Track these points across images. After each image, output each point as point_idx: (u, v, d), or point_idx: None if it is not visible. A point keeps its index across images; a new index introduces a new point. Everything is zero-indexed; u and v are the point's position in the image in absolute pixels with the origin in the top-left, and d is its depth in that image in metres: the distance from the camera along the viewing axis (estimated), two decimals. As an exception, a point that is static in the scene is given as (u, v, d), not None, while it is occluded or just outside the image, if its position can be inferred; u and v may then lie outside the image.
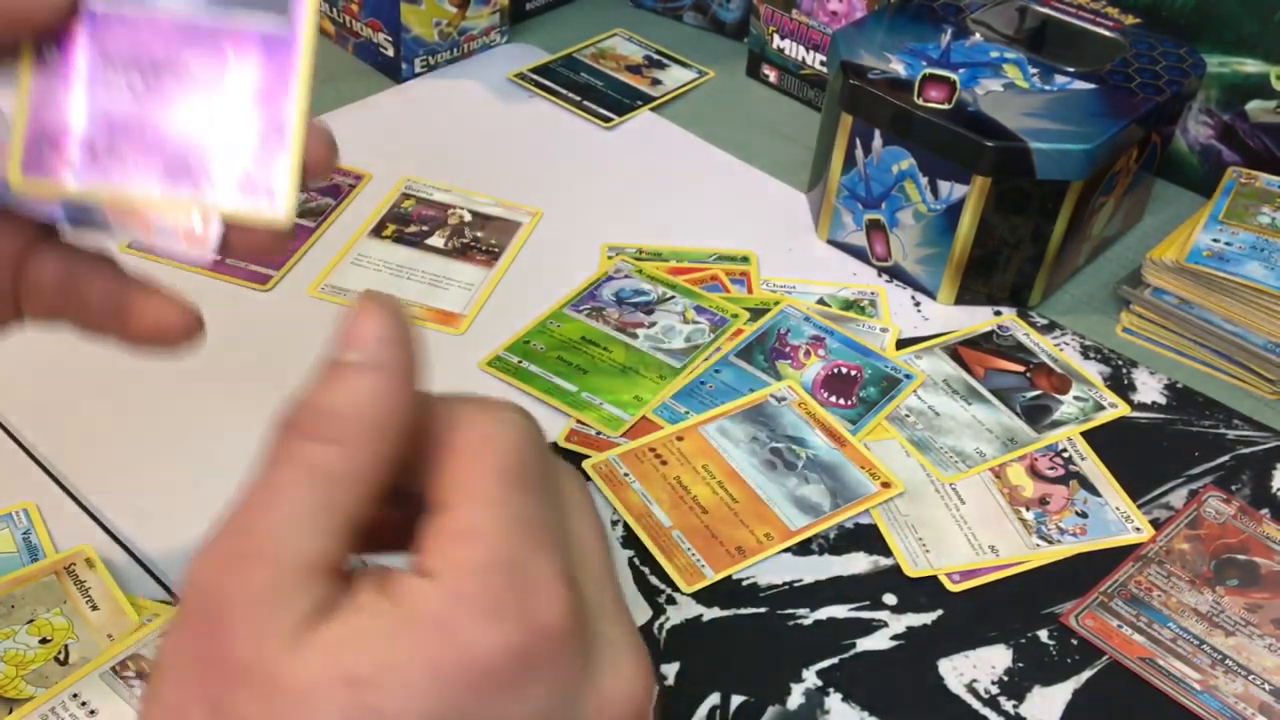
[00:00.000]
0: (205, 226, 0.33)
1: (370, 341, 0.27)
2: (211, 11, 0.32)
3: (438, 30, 0.88)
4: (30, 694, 0.48)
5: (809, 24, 0.86)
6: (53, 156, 0.32)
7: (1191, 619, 0.54)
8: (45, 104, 0.32)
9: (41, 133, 0.32)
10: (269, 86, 0.32)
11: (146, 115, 0.32)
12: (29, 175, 0.32)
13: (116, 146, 0.32)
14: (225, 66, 0.32)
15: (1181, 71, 0.72)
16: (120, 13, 0.32)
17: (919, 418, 0.64)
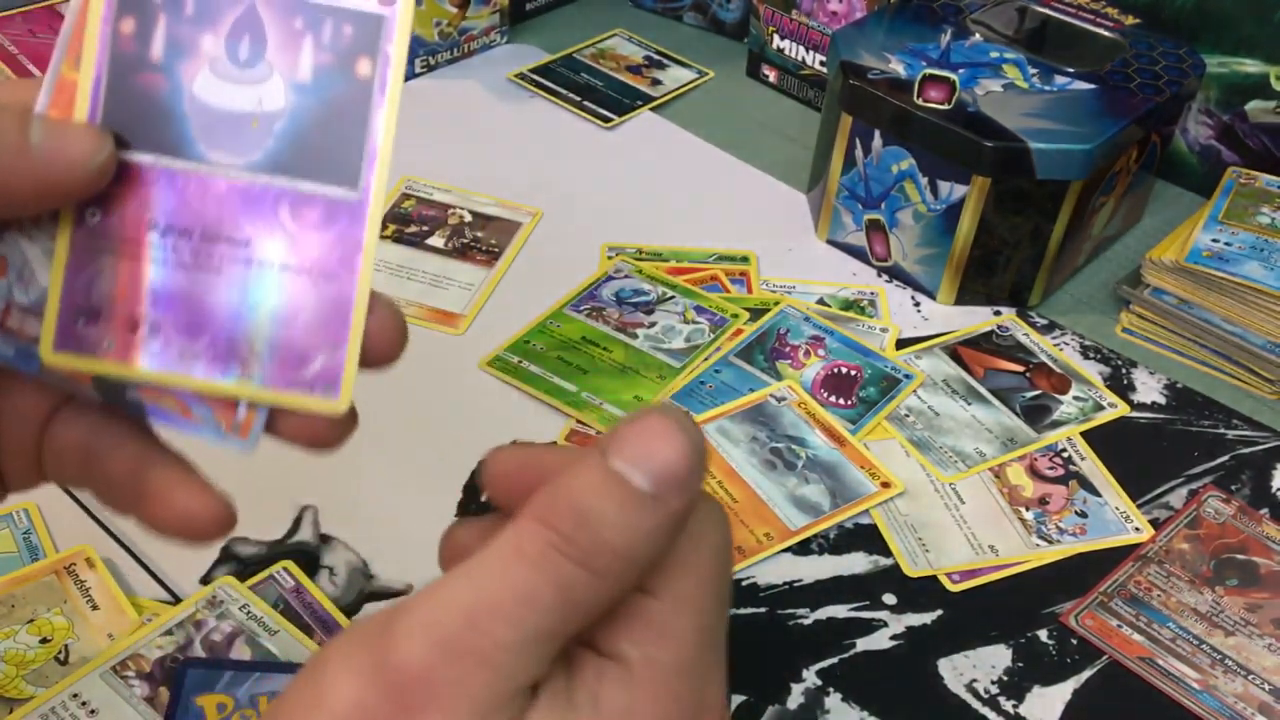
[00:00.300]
0: (250, 416, 0.29)
1: (668, 479, 0.26)
2: (271, 174, 0.29)
3: (438, 30, 0.88)
4: (30, 694, 0.48)
5: (809, 24, 0.86)
6: (88, 332, 0.29)
7: (1191, 619, 0.54)
8: (83, 273, 0.29)
9: (77, 305, 0.29)
10: (332, 260, 0.29)
11: (193, 289, 0.28)
12: (61, 351, 0.29)
13: (158, 323, 0.29)
14: (284, 236, 0.29)
15: (1181, 72, 0.72)
16: (170, 170, 0.28)
17: (919, 418, 0.64)
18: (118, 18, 0.28)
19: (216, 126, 0.28)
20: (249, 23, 0.28)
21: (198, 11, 0.28)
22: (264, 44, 0.28)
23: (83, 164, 0.28)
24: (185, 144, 0.28)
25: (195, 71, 0.28)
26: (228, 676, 0.48)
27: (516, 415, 0.62)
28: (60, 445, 0.32)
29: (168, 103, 0.28)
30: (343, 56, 0.28)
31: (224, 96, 0.28)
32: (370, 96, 0.29)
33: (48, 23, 0.91)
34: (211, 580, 0.52)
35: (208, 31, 0.28)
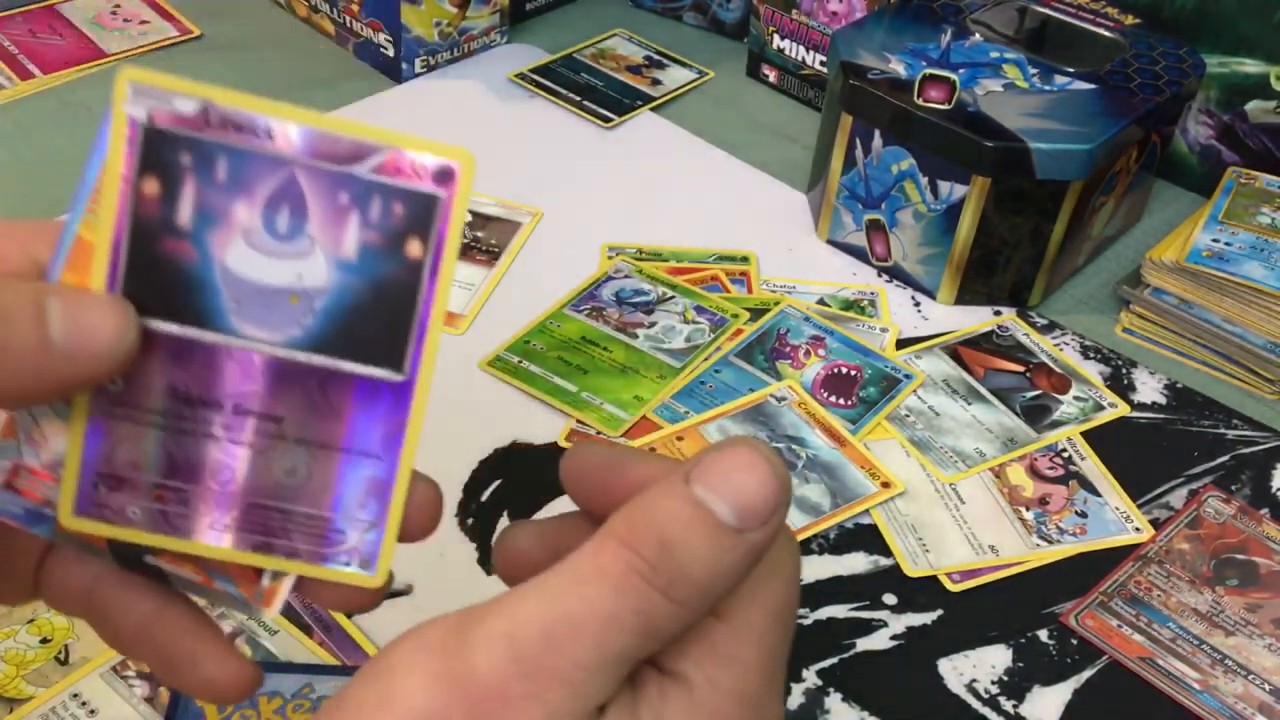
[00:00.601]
0: (275, 585, 0.28)
1: (752, 513, 0.25)
2: (311, 351, 0.27)
3: (438, 30, 0.88)
4: (31, 693, 0.48)
5: (809, 24, 0.86)
6: (110, 498, 0.27)
7: (1191, 619, 0.54)
8: (105, 439, 0.27)
9: (98, 470, 0.27)
10: (374, 440, 0.27)
11: (224, 460, 0.27)
12: (81, 516, 0.27)
13: (185, 492, 0.27)
14: (323, 414, 0.27)
15: (1181, 72, 0.72)
16: (199, 342, 0.26)
17: (919, 418, 0.64)
18: (140, 178, 0.26)
19: (252, 300, 0.26)
20: (288, 193, 0.26)
21: (231, 177, 0.26)
22: (305, 217, 0.26)
23: (107, 354, 0.26)
24: (217, 316, 0.26)
25: (228, 241, 0.26)
26: (228, 676, 0.48)
27: (516, 415, 0.62)
28: (59, 584, 0.31)
29: (197, 273, 0.26)
30: (392, 236, 0.26)
31: (260, 270, 0.26)
32: (420, 278, 0.26)
33: (47, 23, 0.91)
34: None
35: (242, 200, 0.26)
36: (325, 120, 0.26)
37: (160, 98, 0.25)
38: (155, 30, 0.91)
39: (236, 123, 0.25)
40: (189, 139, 0.25)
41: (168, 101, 0.25)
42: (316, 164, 0.26)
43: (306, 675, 0.48)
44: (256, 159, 0.26)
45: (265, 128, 0.25)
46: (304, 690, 0.48)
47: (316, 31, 0.94)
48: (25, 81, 0.85)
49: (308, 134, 0.26)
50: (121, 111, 0.25)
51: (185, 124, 0.25)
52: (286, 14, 0.96)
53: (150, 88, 0.25)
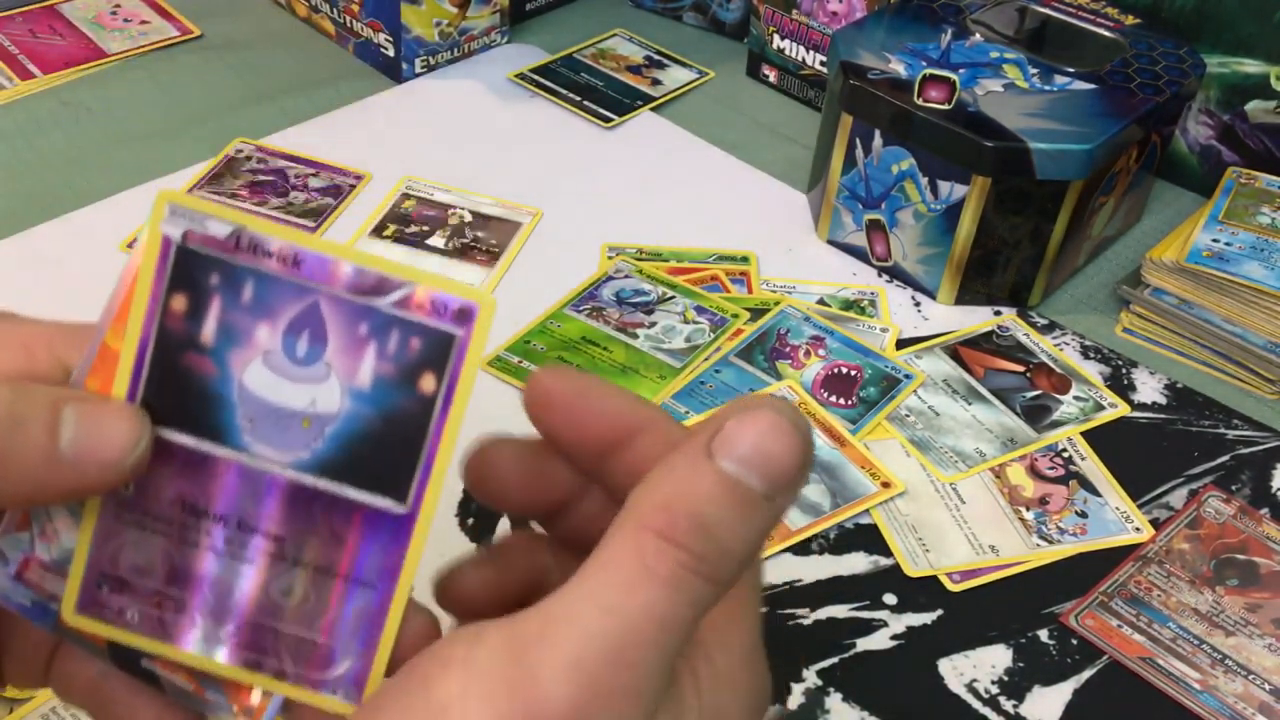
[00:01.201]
0: (265, 703, 0.28)
1: (783, 480, 0.25)
2: (317, 475, 0.27)
3: (438, 30, 0.88)
4: (31, 693, 0.48)
5: (809, 24, 0.86)
6: (112, 599, 0.28)
7: (1191, 619, 0.54)
8: (112, 541, 0.28)
9: (103, 571, 0.28)
10: (371, 569, 0.28)
11: (224, 574, 0.28)
12: (83, 614, 0.28)
13: (184, 602, 0.28)
14: (323, 539, 0.28)
15: (1181, 72, 0.72)
16: (211, 456, 0.27)
17: (919, 418, 0.64)
18: (169, 294, 0.27)
19: (265, 419, 0.27)
20: (310, 320, 0.27)
21: (255, 300, 0.26)
22: (324, 344, 0.27)
23: (115, 465, 0.26)
24: (229, 432, 0.27)
25: (247, 361, 0.27)
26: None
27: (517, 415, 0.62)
28: (68, 676, 0.31)
29: (215, 388, 0.27)
30: (407, 370, 0.27)
31: (276, 391, 0.27)
32: (431, 414, 0.27)
33: (47, 23, 0.91)
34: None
35: (265, 322, 0.27)
36: (353, 253, 0.26)
37: (195, 220, 0.26)
38: (155, 30, 0.91)
39: (266, 249, 0.26)
40: (219, 261, 0.26)
41: (202, 224, 0.26)
42: (340, 294, 0.26)
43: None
44: (282, 284, 0.26)
45: (293, 255, 0.26)
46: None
47: (316, 31, 0.94)
48: (25, 81, 0.85)
49: (334, 264, 0.26)
50: (157, 230, 0.26)
51: (216, 246, 0.26)
52: (286, 14, 0.96)
53: (186, 209, 0.26)
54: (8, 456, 0.25)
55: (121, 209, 0.74)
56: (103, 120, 0.82)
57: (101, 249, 0.70)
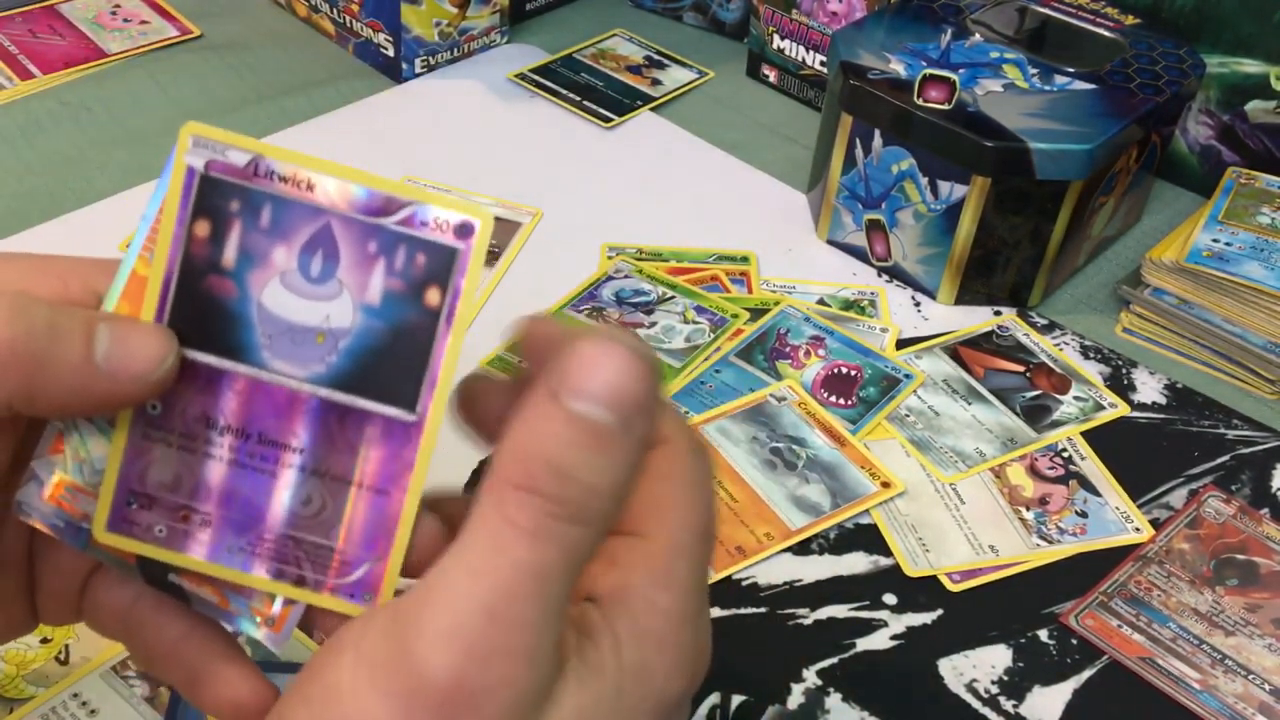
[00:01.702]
0: (286, 611, 0.30)
1: (631, 406, 0.25)
2: (332, 388, 0.29)
3: (438, 30, 0.88)
4: (31, 693, 0.48)
5: (809, 24, 0.86)
6: (140, 516, 0.29)
7: (1191, 619, 0.54)
8: (140, 460, 0.29)
9: (132, 489, 0.29)
10: (384, 476, 0.29)
11: (246, 487, 0.29)
12: (113, 532, 0.29)
13: (209, 516, 0.29)
14: (339, 449, 0.29)
15: (1181, 72, 0.72)
16: (233, 374, 0.29)
17: (919, 418, 0.64)
18: (193, 220, 0.28)
19: (282, 337, 0.29)
20: (323, 240, 0.28)
21: (273, 223, 0.28)
22: (336, 263, 0.28)
23: (145, 377, 0.28)
24: (249, 350, 0.29)
25: (265, 281, 0.28)
26: (228, 676, 0.48)
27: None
28: (101, 604, 0.33)
29: (235, 309, 0.29)
30: (413, 284, 0.28)
31: (292, 309, 0.28)
32: (436, 325, 0.28)
33: (47, 23, 0.91)
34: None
35: (281, 244, 0.28)
36: (361, 175, 0.28)
37: (216, 149, 0.28)
38: (155, 30, 0.91)
39: (282, 174, 0.28)
40: (238, 187, 0.28)
41: (223, 153, 0.28)
42: (350, 214, 0.28)
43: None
44: (297, 207, 0.28)
45: (307, 180, 0.28)
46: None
47: (316, 31, 0.94)
48: (25, 81, 0.85)
49: (345, 187, 0.28)
50: (182, 160, 0.28)
51: (236, 174, 0.28)
52: (286, 14, 0.96)
53: (209, 140, 0.28)
54: (48, 363, 0.27)
55: (121, 209, 0.74)
56: (103, 120, 0.82)
57: (101, 249, 0.70)
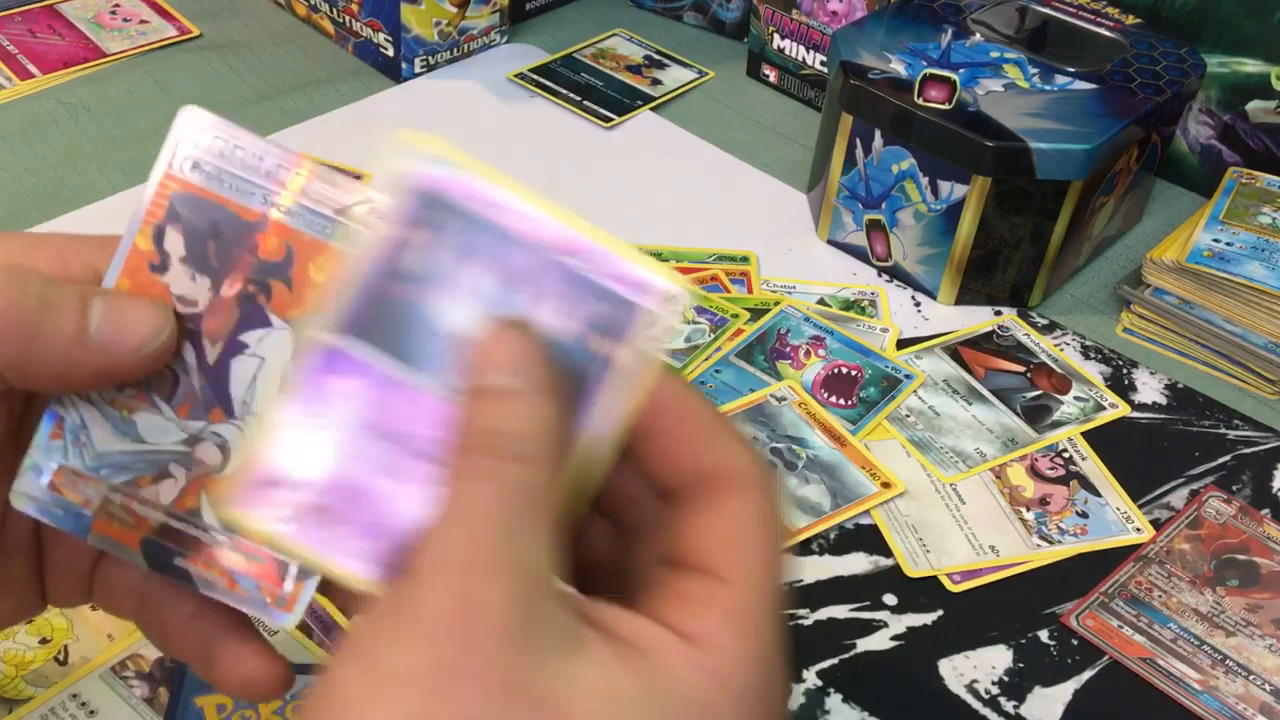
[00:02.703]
0: (297, 590, 0.31)
1: (518, 364, 0.27)
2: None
3: (438, 30, 0.88)
4: (30, 694, 0.48)
5: (809, 24, 0.86)
6: (271, 497, 0.28)
7: (1192, 619, 0.54)
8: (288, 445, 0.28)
9: (272, 472, 0.28)
10: None
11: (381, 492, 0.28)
12: (237, 508, 0.28)
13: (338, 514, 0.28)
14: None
15: (1182, 72, 0.72)
16: (398, 377, 0.28)
17: (919, 418, 0.64)
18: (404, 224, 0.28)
19: (456, 356, 0.28)
20: (520, 272, 0.28)
21: (476, 245, 0.28)
22: (524, 293, 0.28)
23: (138, 350, 0.29)
24: (419, 359, 0.28)
25: (452, 297, 0.28)
26: (227, 677, 0.48)
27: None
28: (112, 584, 0.33)
29: (417, 317, 0.28)
30: (593, 330, 0.28)
31: (473, 329, 0.28)
32: (604, 377, 0.28)
33: (46, 22, 0.91)
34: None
35: (478, 266, 0.28)
36: (574, 219, 0.29)
37: (431, 162, 0.28)
38: (155, 30, 0.91)
39: (498, 201, 0.28)
40: (447, 202, 0.28)
41: (437, 166, 0.28)
42: (549, 250, 0.28)
43: (307, 676, 0.48)
44: (498, 233, 0.28)
45: (521, 212, 0.29)
46: (303, 691, 0.48)
47: (316, 31, 0.94)
48: (24, 81, 0.84)
49: (556, 227, 0.29)
50: (395, 166, 0.28)
51: (447, 189, 0.28)
52: (286, 13, 0.96)
53: (425, 152, 0.28)
54: (41, 335, 0.28)
55: (121, 209, 0.74)
56: (102, 120, 0.82)
57: (101, 249, 0.70)
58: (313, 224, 0.30)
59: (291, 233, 0.30)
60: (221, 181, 0.31)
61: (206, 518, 0.31)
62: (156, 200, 0.31)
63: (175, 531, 0.31)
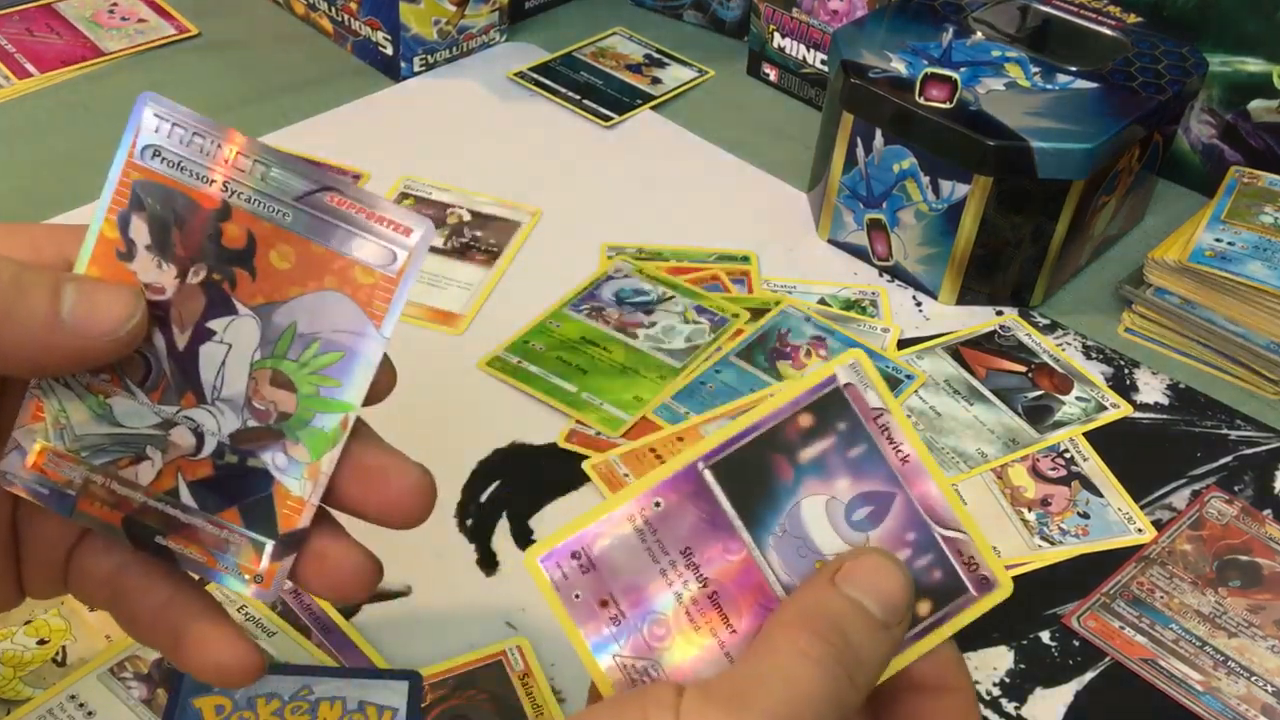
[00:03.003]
0: (274, 568, 0.32)
1: (896, 611, 0.29)
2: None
3: (437, 29, 0.88)
4: (28, 695, 0.47)
5: (809, 23, 0.85)
6: (570, 571, 0.30)
7: (1194, 620, 0.54)
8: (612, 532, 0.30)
9: (586, 548, 0.30)
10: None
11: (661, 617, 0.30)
12: (540, 562, 0.30)
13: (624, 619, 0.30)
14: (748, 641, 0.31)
15: (1183, 71, 0.72)
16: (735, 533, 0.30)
17: (920, 418, 0.63)
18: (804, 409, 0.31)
19: (793, 540, 0.30)
20: (882, 502, 0.31)
21: (857, 460, 0.31)
22: (877, 525, 0.31)
23: (110, 334, 0.29)
24: (761, 527, 0.30)
25: (816, 493, 0.31)
26: (226, 678, 0.48)
27: (516, 415, 0.62)
28: (87, 573, 0.33)
29: (778, 490, 0.31)
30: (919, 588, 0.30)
31: (816, 527, 0.31)
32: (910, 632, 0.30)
33: (44, 21, 0.91)
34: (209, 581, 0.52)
35: (850, 478, 0.31)
36: (943, 481, 0.31)
37: (862, 381, 0.31)
38: (153, 29, 0.91)
39: (892, 436, 0.31)
40: (852, 414, 0.31)
41: (864, 386, 0.31)
42: (915, 499, 0.31)
43: (305, 677, 0.48)
44: (883, 464, 0.31)
45: (905, 455, 0.31)
46: (302, 692, 0.47)
47: (315, 30, 0.93)
48: (22, 80, 0.84)
49: (925, 480, 0.31)
50: (833, 369, 0.31)
51: (860, 405, 0.31)
52: (285, 12, 0.95)
53: (863, 373, 0.31)
54: (13, 318, 0.28)
55: (119, 208, 0.73)
56: (100, 119, 0.82)
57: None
58: (274, 212, 0.31)
59: (252, 220, 0.31)
60: (183, 169, 0.31)
61: (184, 498, 0.32)
62: (120, 188, 0.31)
63: (155, 511, 0.32)
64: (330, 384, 0.31)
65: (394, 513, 0.32)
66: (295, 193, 0.31)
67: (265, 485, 0.32)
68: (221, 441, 0.32)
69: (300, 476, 0.32)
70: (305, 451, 0.32)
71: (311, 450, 0.32)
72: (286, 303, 0.31)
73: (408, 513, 0.32)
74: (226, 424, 0.32)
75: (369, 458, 0.32)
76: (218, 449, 0.32)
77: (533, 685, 0.49)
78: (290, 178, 0.31)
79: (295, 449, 0.32)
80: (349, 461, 0.32)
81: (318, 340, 0.31)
